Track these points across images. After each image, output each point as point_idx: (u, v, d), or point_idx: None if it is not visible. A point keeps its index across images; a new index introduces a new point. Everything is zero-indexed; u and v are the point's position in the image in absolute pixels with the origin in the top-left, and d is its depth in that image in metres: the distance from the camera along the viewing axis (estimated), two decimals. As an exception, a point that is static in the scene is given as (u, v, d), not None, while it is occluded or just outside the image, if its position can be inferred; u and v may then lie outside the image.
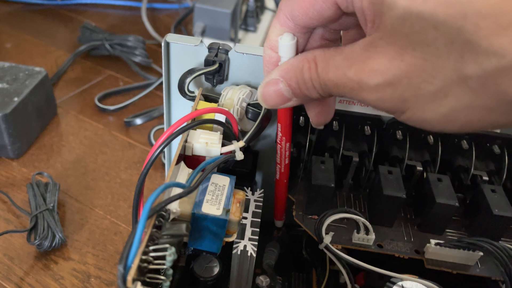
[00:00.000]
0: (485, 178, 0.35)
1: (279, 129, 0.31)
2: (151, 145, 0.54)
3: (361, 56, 0.20)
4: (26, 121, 0.52)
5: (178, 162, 0.28)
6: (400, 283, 0.30)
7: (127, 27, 0.81)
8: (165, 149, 0.42)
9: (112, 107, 0.60)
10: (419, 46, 0.18)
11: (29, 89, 0.52)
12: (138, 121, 0.58)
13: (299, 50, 0.24)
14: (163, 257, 0.22)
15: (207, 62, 0.32)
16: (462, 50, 0.17)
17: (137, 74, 0.68)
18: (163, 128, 0.55)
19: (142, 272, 0.22)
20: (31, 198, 0.44)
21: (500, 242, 0.32)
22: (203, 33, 0.71)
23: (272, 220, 0.40)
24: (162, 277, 0.23)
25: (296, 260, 0.40)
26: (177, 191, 0.26)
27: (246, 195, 0.33)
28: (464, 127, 0.20)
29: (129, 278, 0.20)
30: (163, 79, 0.35)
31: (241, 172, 0.37)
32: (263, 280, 0.36)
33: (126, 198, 0.49)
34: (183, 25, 0.82)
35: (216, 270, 0.33)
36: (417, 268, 0.32)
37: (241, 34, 0.75)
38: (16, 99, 0.50)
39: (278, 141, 0.32)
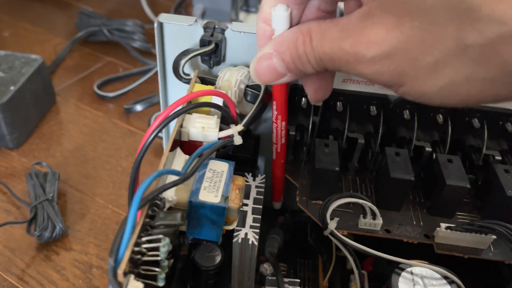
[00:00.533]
0: (498, 157, 0.33)
1: (275, 107, 0.30)
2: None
3: (357, 28, 0.19)
4: (24, 110, 0.51)
5: (173, 148, 0.27)
6: (409, 269, 0.29)
7: (125, 11, 0.79)
8: (165, 135, 0.40)
9: (111, 94, 0.59)
10: (417, 14, 0.17)
11: (26, 77, 0.51)
12: (138, 107, 0.57)
13: (294, 22, 0.23)
14: (157, 248, 0.21)
15: (203, 42, 0.31)
16: (462, 17, 0.16)
17: (136, 60, 0.66)
18: (163, 114, 0.53)
19: (135, 264, 0.21)
20: (30, 188, 0.43)
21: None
22: (203, 16, 0.69)
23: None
24: (157, 269, 0.21)
25: (301, 246, 0.39)
26: (173, 178, 0.25)
27: (247, 181, 0.31)
28: (464, 100, 0.19)
29: (120, 271, 0.19)
30: (158, 61, 0.33)
31: (242, 158, 0.36)
32: (267, 268, 0.35)
33: (128, 187, 0.48)
34: (183, 8, 0.79)
35: (218, 259, 0.32)
36: (427, 253, 0.31)
37: (242, 15, 0.73)
38: (12, 87, 0.49)
39: (274, 120, 0.31)
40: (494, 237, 0.29)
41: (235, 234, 0.28)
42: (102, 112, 0.58)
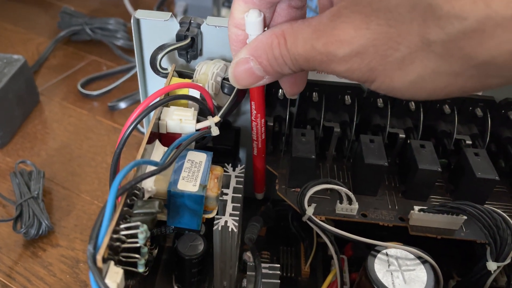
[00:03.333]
0: (468, 142, 0.34)
1: (253, 106, 0.31)
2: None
3: (328, 27, 0.20)
4: (8, 110, 0.52)
5: (151, 141, 0.27)
6: (384, 251, 0.30)
7: (108, 10, 0.79)
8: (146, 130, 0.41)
9: (95, 92, 0.59)
10: (383, 13, 0.18)
11: (8, 78, 0.51)
12: (122, 104, 0.57)
13: (267, 23, 0.24)
14: (135, 235, 0.22)
15: (179, 37, 0.31)
16: (424, 14, 0.17)
17: (120, 58, 0.67)
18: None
19: (115, 251, 0.22)
20: (15, 187, 0.44)
21: (485, 205, 0.32)
22: (185, 12, 0.69)
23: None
24: (136, 255, 0.22)
25: (284, 234, 0.40)
26: (151, 169, 0.25)
27: (227, 171, 0.32)
28: (432, 93, 0.19)
29: (99, 257, 0.20)
30: (136, 57, 0.34)
31: (222, 149, 0.37)
32: (250, 256, 0.36)
33: (113, 183, 0.49)
34: (165, 6, 0.80)
35: (201, 248, 0.33)
36: (403, 236, 0.32)
37: (224, 11, 0.74)
38: (-6, 88, 0.49)
39: (253, 118, 0.32)
40: (465, 217, 0.31)
41: (215, 222, 0.29)
42: (87, 110, 0.58)
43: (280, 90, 0.35)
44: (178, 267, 0.33)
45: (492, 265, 0.29)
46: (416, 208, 0.31)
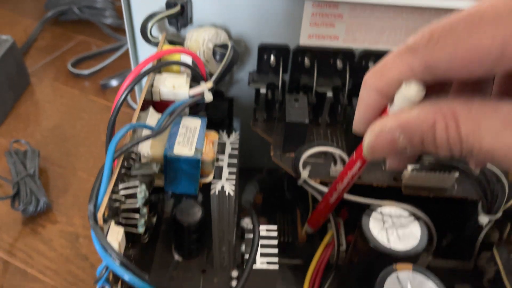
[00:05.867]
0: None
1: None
2: (128, 105, 0.53)
3: None
4: (-2, 91, 0.51)
5: (145, 108, 0.28)
6: (379, 209, 0.31)
7: (95, -10, 0.78)
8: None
9: (86, 72, 0.59)
10: None
11: (-3, 58, 0.51)
12: (114, 82, 0.57)
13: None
14: (134, 195, 0.22)
15: (169, 5, 0.31)
16: None
17: (109, 36, 0.66)
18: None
19: (115, 212, 0.22)
20: (11, 165, 0.44)
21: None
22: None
23: (252, 166, 0.40)
24: (136, 215, 0.23)
25: (280, 203, 0.40)
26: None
27: (222, 139, 0.32)
28: None
29: (99, 215, 0.20)
30: (126, 28, 0.34)
31: (217, 120, 0.37)
32: (248, 222, 0.37)
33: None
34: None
35: (199, 215, 0.33)
36: (397, 196, 0.32)
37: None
38: (-16, 68, 0.49)
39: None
40: (457, 174, 0.31)
41: (212, 186, 0.30)
42: (78, 90, 0.58)
43: (272, 56, 0.35)
44: (177, 235, 0.34)
45: (484, 219, 0.30)
46: (409, 167, 0.32)
